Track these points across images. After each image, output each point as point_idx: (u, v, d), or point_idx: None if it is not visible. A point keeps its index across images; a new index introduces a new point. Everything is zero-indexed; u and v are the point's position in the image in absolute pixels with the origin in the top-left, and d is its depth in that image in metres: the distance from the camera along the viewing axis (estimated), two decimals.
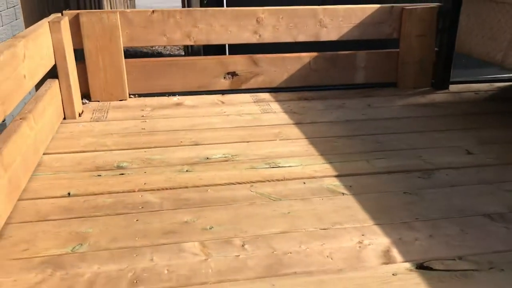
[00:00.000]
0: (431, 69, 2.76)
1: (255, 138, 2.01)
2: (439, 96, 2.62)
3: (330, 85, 2.74)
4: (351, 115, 2.31)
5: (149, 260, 1.20)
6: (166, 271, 1.16)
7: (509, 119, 2.23)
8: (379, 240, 1.28)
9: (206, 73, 2.61)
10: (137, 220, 1.38)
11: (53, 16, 2.24)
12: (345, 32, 2.67)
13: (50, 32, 2.06)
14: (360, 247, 1.25)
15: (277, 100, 2.53)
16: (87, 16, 2.33)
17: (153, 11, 2.46)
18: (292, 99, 2.56)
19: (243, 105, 2.47)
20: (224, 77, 2.63)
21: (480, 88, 2.76)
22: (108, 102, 2.45)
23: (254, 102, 2.52)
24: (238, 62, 2.62)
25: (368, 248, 1.25)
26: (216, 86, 2.64)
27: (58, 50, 2.09)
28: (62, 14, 2.32)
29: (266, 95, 2.62)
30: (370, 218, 1.39)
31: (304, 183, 1.61)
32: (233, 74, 2.64)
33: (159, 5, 6.68)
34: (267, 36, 2.60)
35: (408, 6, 2.67)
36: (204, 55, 3.37)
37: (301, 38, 2.64)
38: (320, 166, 1.73)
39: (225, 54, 3.15)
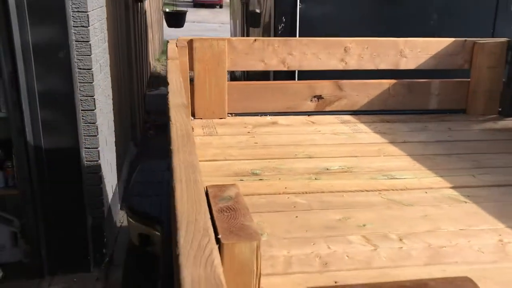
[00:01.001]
0: (499, 98, 3.00)
1: (361, 154, 2.23)
2: (510, 123, 2.84)
3: (406, 109, 2.97)
4: (437, 136, 2.53)
5: (327, 247, 1.41)
6: (346, 257, 1.37)
7: None
8: None
9: (296, 96, 2.85)
10: (296, 217, 1.60)
11: (175, 41, 2.51)
12: (422, 62, 2.92)
13: (178, 55, 2.32)
14: (502, 244, 1.46)
15: (362, 122, 2.76)
16: (200, 42, 2.60)
17: (255, 40, 2.72)
18: (375, 121, 2.79)
19: (333, 125, 2.70)
20: (311, 100, 2.88)
21: None
22: (211, 120, 2.69)
23: (341, 123, 2.75)
24: (325, 87, 2.87)
25: (510, 245, 1.45)
26: (302, 108, 2.88)
27: (183, 72, 2.35)
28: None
29: (349, 117, 2.86)
30: (500, 221, 1.59)
31: (426, 192, 1.82)
32: (319, 97, 2.88)
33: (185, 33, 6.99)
34: (353, 63, 2.86)
35: (480, 40, 2.93)
36: (274, 79, 3.64)
37: (382, 66, 2.90)
38: (433, 179, 1.94)
39: (294, 79, 3.42)
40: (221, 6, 32.52)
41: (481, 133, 2.63)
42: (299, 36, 3.51)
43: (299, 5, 3.58)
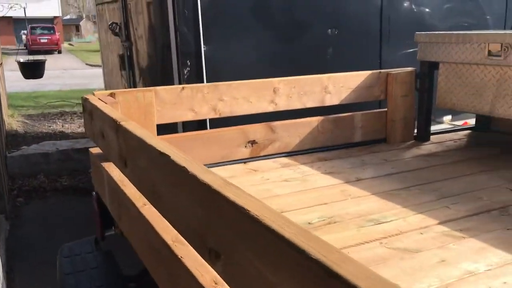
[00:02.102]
0: (413, 125, 3.15)
1: (329, 200, 2.09)
2: (432, 147, 2.98)
3: (334, 145, 2.94)
4: (382, 170, 2.51)
5: None
6: None
7: (510, 159, 2.64)
8: None
9: (229, 143, 2.63)
10: None
11: (95, 97, 2.11)
12: (344, 96, 2.93)
13: None
14: None
15: (302, 163, 2.64)
16: (123, 96, 2.24)
17: (183, 88, 2.45)
18: (314, 161, 2.69)
19: (276, 170, 2.53)
20: (245, 146, 2.68)
21: (451, 137, 3.21)
22: None
23: (283, 167, 2.60)
24: (257, 131, 2.70)
25: None
26: (237, 155, 2.66)
27: None
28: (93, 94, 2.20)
29: (286, 160, 2.72)
30: None
31: (421, 233, 1.73)
32: (253, 142, 2.70)
33: None
34: (282, 104, 2.74)
35: (392, 71, 3.05)
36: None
37: (310, 104, 2.83)
38: (416, 217, 1.87)
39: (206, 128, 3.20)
40: (59, 52, 30.66)
41: (416, 160, 2.69)
42: (207, 81, 3.31)
43: (203, 47, 3.39)
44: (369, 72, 3.01)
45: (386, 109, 3.09)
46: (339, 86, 2.90)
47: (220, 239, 0.91)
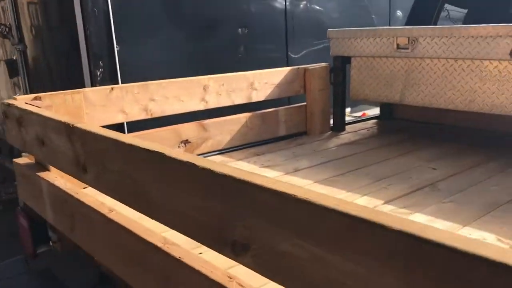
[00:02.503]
0: (329, 117, 3.33)
1: None
2: (350, 136, 3.19)
3: (262, 140, 3.01)
4: (314, 160, 2.63)
5: None
6: None
7: (420, 142, 2.92)
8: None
9: (162, 144, 2.54)
10: None
11: (23, 101, 1.92)
12: (269, 92, 3.01)
13: None
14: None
15: (238, 159, 2.67)
16: (50, 99, 2.06)
17: (112, 88, 2.32)
18: (248, 156, 2.73)
19: None
20: (179, 146, 2.62)
21: (363, 126, 3.46)
22: None
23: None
24: (190, 129, 2.66)
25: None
26: None
27: None
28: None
29: (220, 157, 2.72)
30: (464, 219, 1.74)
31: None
32: (186, 142, 2.65)
33: None
34: (213, 102, 2.73)
35: (309, 66, 3.20)
36: None
37: (238, 100, 2.86)
38: (362, 200, 2.00)
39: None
40: None
41: (341, 149, 2.86)
42: (122, 82, 3.18)
43: (116, 47, 3.24)
44: (289, 68, 3.12)
45: (305, 103, 3.23)
46: (264, 82, 2.97)
47: (250, 229, 0.90)
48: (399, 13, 5.65)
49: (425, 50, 2.71)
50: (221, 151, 2.80)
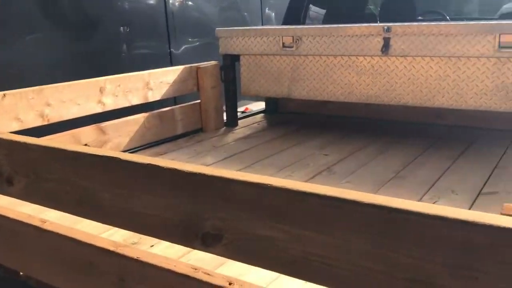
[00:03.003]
0: (222, 113, 3.47)
1: None
2: (244, 130, 3.36)
3: (160, 139, 3.03)
4: (218, 155, 2.74)
5: None
6: None
7: (308, 132, 3.19)
8: None
9: None
10: None
11: None
12: (164, 91, 3.04)
13: None
14: None
15: None
16: None
17: (4, 94, 2.15)
18: (152, 157, 2.73)
19: None
20: None
21: (253, 120, 3.67)
22: None
23: None
24: (88, 133, 2.58)
25: None
26: None
27: None
28: None
29: None
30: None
31: None
32: (86, 146, 2.56)
33: None
34: (110, 103, 2.68)
35: (202, 65, 3.29)
36: None
37: (135, 101, 2.84)
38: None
39: None
40: None
41: (239, 143, 3.01)
42: None
43: None
44: (182, 67, 3.17)
45: (199, 101, 3.31)
46: (159, 81, 2.99)
47: (224, 221, 0.99)
48: (270, 12, 6.00)
49: (308, 48, 2.98)
50: None
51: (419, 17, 4.21)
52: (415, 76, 2.71)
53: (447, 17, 4.39)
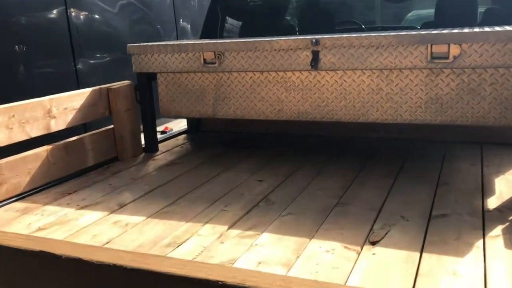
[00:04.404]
0: (140, 138, 3.12)
1: (106, 236, 1.85)
2: (166, 156, 3.03)
3: (69, 174, 2.62)
4: (138, 190, 2.39)
5: None
6: None
7: (237, 153, 2.94)
8: None
9: None
10: None
11: None
12: (70, 119, 2.64)
13: None
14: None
15: (45, 204, 2.25)
16: None
17: None
18: (58, 198, 2.33)
19: (17, 221, 2.06)
20: None
21: (175, 143, 3.35)
22: None
23: (23, 214, 2.14)
24: None
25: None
26: None
27: None
28: None
29: (20, 204, 2.25)
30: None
31: (222, 242, 1.76)
32: None
33: None
34: (2, 138, 2.24)
35: (113, 86, 2.92)
36: None
37: (35, 133, 2.42)
38: (206, 229, 1.89)
39: None
40: None
41: (162, 173, 2.69)
42: None
43: None
44: (90, 89, 2.79)
45: (112, 126, 2.94)
46: (63, 108, 2.59)
47: None
48: (185, 24, 5.71)
49: (232, 64, 2.73)
50: (21, 196, 2.32)
51: (336, 28, 4.16)
52: (347, 90, 2.56)
53: (363, 27, 4.40)
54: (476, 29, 2.42)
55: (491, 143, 2.81)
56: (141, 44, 2.99)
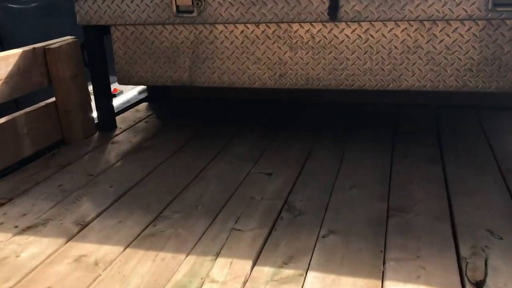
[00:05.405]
0: (91, 112, 2.37)
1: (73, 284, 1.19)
2: (127, 136, 2.32)
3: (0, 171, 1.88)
4: (101, 196, 1.71)
5: None
6: None
7: (222, 132, 2.29)
8: None
9: None
10: None
11: None
12: None
13: None
14: None
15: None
16: None
17: None
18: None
19: None
20: None
21: (136, 116, 2.64)
22: None
23: None
24: None
25: None
26: None
27: None
28: None
29: None
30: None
31: None
32: None
33: None
34: None
35: (51, 44, 2.13)
36: None
37: None
38: (220, 263, 1.27)
39: None
40: None
41: (128, 163, 2.00)
42: None
43: None
44: (20, 50, 2.00)
45: (54, 99, 2.18)
46: None
47: None
48: None
49: (217, 13, 2.03)
50: None
51: None
52: (373, 49, 1.95)
53: None
54: None
55: None
56: None
